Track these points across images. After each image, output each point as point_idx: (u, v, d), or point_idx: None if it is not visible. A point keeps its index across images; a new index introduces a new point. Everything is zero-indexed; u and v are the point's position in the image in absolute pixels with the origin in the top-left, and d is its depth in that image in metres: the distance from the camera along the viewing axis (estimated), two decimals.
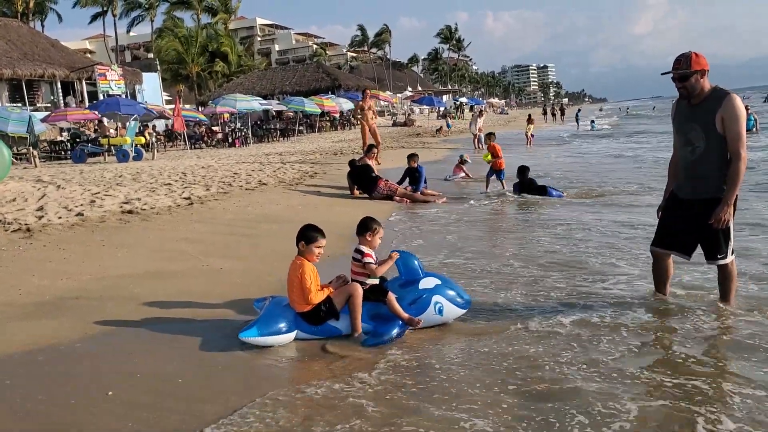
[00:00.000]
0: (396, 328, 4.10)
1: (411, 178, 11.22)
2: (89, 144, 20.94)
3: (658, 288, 4.65)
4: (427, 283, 4.33)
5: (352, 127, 40.43)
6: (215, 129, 30.74)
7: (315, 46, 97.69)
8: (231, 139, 28.03)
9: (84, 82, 32.46)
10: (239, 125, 30.59)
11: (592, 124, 42.12)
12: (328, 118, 40.10)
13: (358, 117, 17.50)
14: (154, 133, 26.47)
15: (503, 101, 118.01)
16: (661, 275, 4.59)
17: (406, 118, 46.59)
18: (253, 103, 30.16)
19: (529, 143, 25.34)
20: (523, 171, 11.08)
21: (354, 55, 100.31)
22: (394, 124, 44.21)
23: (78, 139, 22.11)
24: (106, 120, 24.61)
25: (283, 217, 8.52)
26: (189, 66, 51.59)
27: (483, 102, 76.72)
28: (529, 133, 26.15)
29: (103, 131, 22.60)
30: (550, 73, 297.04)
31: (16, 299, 4.86)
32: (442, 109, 54.36)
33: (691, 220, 4.26)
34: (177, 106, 24.88)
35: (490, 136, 12.86)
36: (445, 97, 66.37)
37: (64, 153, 21.81)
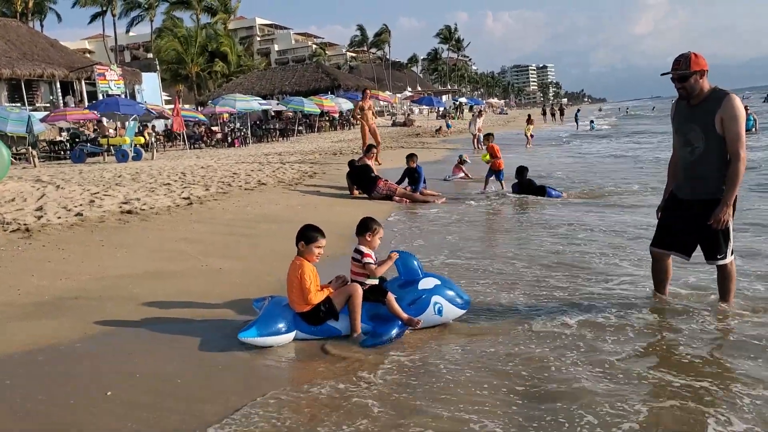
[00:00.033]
0: (395, 329, 4.10)
1: (410, 178, 11.23)
2: (88, 144, 20.94)
3: (657, 288, 4.65)
4: (426, 283, 4.32)
5: (351, 127, 40.41)
6: (214, 129, 30.75)
7: (314, 46, 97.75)
8: (230, 139, 28.04)
9: (83, 82, 32.44)
10: (238, 125, 30.60)
11: (592, 124, 42.16)
12: (327, 118, 40.09)
13: (357, 117, 17.48)
14: (154, 133, 26.48)
15: (502, 101, 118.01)
16: (660, 275, 4.59)
17: (406, 118, 46.57)
18: (253, 103, 30.16)
19: (529, 143, 25.34)
20: (521, 171, 11.08)
21: (353, 55, 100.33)
22: (394, 124, 44.21)
23: (77, 139, 22.11)
24: (105, 120, 24.62)
25: (282, 217, 8.51)
26: (188, 66, 51.57)
27: (482, 102, 76.71)
28: (529, 134, 26.16)
29: (103, 131, 22.59)
30: (550, 73, 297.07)
31: (16, 299, 4.86)
32: (441, 109, 54.34)
33: (690, 220, 4.26)
34: (176, 106, 24.88)
35: (489, 136, 12.90)
36: (444, 98, 66.33)
37: (63, 153, 21.81)
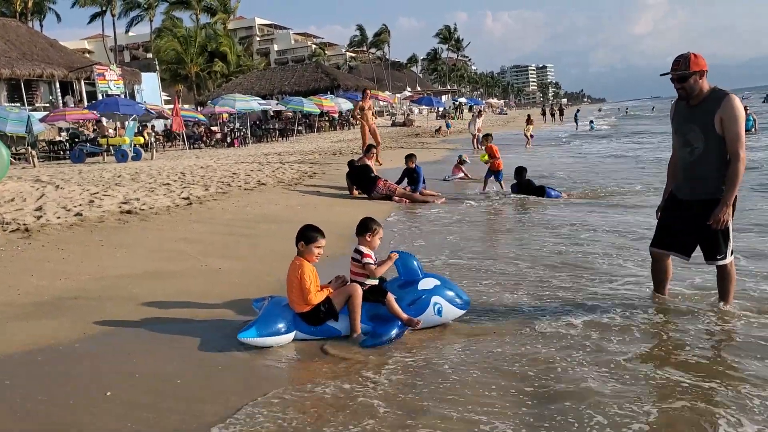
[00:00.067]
0: (395, 329, 4.10)
1: (409, 178, 11.24)
2: (88, 144, 20.93)
3: (657, 288, 4.64)
4: (426, 283, 4.32)
5: (350, 127, 40.42)
6: (214, 129, 30.75)
7: (314, 46, 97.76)
8: (230, 139, 28.03)
9: (83, 82, 32.43)
10: (238, 125, 30.59)
11: (591, 124, 42.18)
12: (327, 119, 40.09)
13: (357, 117, 17.47)
14: (153, 133, 26.48)
15: (502, 101, 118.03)
16: (660, 276, 4.59)
17: (405, 118, 46.58)
18: (252, 103, 30.17)
19: (528, 144, 25.33)
20: (520, 172, 11.08)
21: (353, 55, 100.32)
22: (393, 125, 44.22)
23: (77, 139, 22.09)
24: (104, 120, 24.61)
25: (282, 217, 8.51)
26: (188, 66, 51.57)
27: (482, 102, 76.72)
28: (528, 134, 26.15)
29: (102, 131, 22.59)
30: (549, 74, 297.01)
31: (15, 299, 4.86)
32: (441, 109, 54.33)
33: (690, 220, 4.26)
34: (176, 106, 24.91)
35: (487, 137, 12.98)
36: (444, 98, 66.33)
37: (62, 153, 21.80)
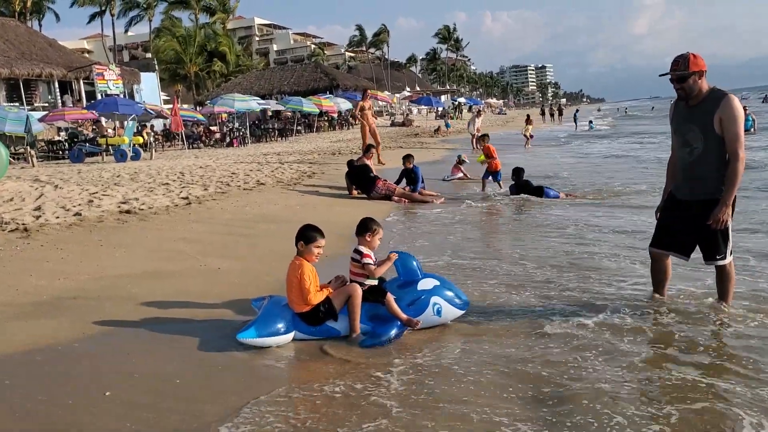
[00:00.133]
0: (394, 329, 4.10)
1: (408, 178, 11.26)
2: (87, 144, 20.91)
3: (656, 289, 4.63)
4: (425, 284, 4.32)
5: (350, 127, 40.42)
6: (213, 129, 30.75)
7: (313, 46, 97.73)
8: (229, 138, 28.02)
9: (82, 82, 32.40)
10: (237, 125, 30.58)
11: (591, 124, 42.23)
12: (326, 118, 40.09)
13: (358, 116, 17.47)
14: (152, 133, 26.45)
15: (501, 101, 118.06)
16: (659, 276, 4.58)
17: (405, 118, 46.60)
18: (251, 102, 30.15)
19: (528, 144, 25.32)
20: (518, 172, 11.08)
21: (352, 55, 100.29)
22: (393, 125, 44.23)
23: (76, 139, 22.07)
24: (104, 120, 24.60)
25: (281, 217, 8.51)
26: (187, 66, 51.54)
27: (481, 102, 76.75)
28: (528, 134, 26.12)
29: (101, 131, 22.58)
30: (549, 74, 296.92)
31: (14, 299, 4.85)
32: (440, 109, 54.34)
33: (689, 221, 4.26)
34: (175, 106, 24.89)
35: (484, 137, 13.04)
36: (443, 98, 66.41)
37: (61, 153, 21.78)
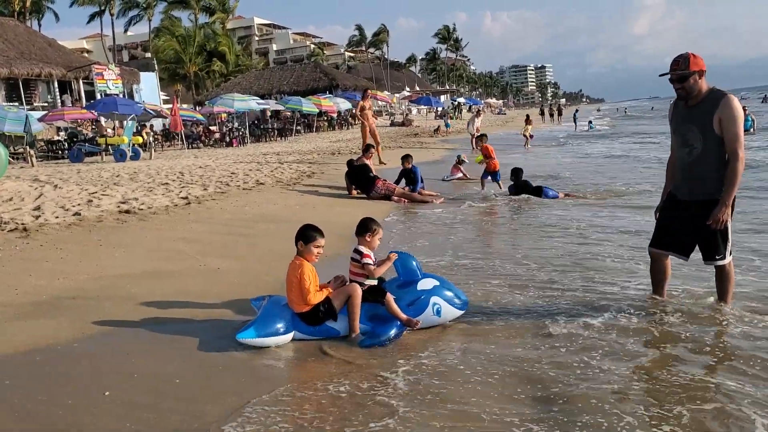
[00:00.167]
0: (394, 329, 4.10)
1: (407, 179, 11.27)
2: (86, 143, 20.90)
3: (655, 289, 4.63)
4: (425, 284, 4.32)
5: (349, 127, 40.44)
6: (213, 129, 30.76)
7: (313, 46, 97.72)
8: (228, 138, 28.02)
9: (81, 82, 32.38)
10: (237, 125, 30.58)
11: (590, 124, 42.24)
12: (325, 118, 40.09)
13: (358, 116, 17.48)
14: (152, 133, 26.45)
15: (501, 101, 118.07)
16: (659, 276, 4.58)
17: (404, 118, 46.60)
18: (251, 102, 30.17)
19: (527, 144, 25.29)
20: (516, 173, 11.08)
21: (352, 55, 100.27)
22: (392, 124, 44.23)
23: (75, 139, 22.07)
24: (103, 119, 24.59)
25: (280, 217, 8.51)
26: (186, 65, 51.55)
27: (480, 102, 76.78)
28: (528, 134, 26.07)
29: (101, 131, 22.58)
30: (548, 74, 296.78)
31: (14, 299, 4.85)
32: (439, 109, 54.34)
33: (688, 221, 4.26)
34: (174, 106, 24.87)
35: (482, 137, 13.07)
36: (442, 98, 66.40)
37: (61, 152, 21.78)
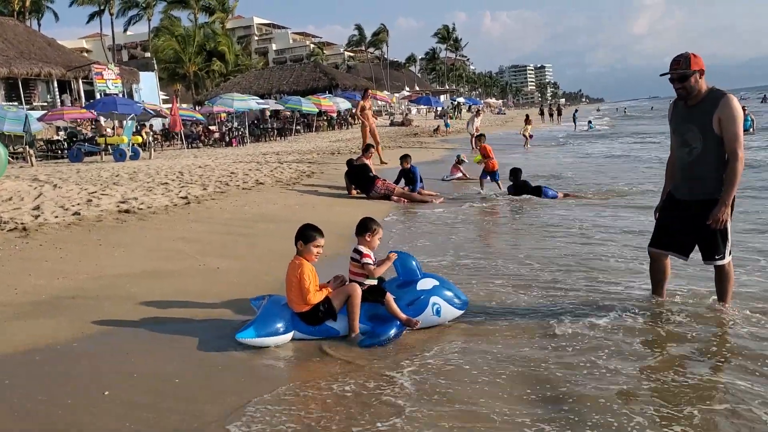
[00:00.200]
0: (393, 329, 4.10)
1: (406, 179, 11.28)
2: (86, 143, 20.89)
3: (654, 289, 4.62)
4: (425, 284, 4.32)
5: (349, 126, 40.43)
6: (212, 128, 30.75)
7: (312, 46, 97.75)
8: (228, 138, 28.01)
9: (81, 81, 32.36)
10: (236, 125, 30.57)
11: (590, 124, 42.25)
12: (325, 118, 40.08)
13: (358, 116, 17.48)
14: (151, 133, 26.44)
15: (500, 101, 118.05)
16: (658, 276, 4.58)
17: (404, 117, 46.60)
18: (250, 102, 30.15)
19: (527, 144, 25.27)
20: (515, 173, 11.09)
21: (351, 54, 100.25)
22: (392, 124, 44.23)
23: (75, 138, 22.06)
24: (102, 119, 24.57)
25: (280, 217, 8.51)
26: (186, 65, 51.53)
27: (480, 102, 76.79)
28: (527, 134, 26.06)
29: (100, 130, 22.57)
30: (548, 73, 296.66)
31: (13, 299, 4.85)
32: (439, 108, 54.33)
33: (688, 221, 4.26)
34: (174, 106, 24.87)
35: (480, 137, 13.09)
36: (442, 97, 66.39)
37: (60, 152, 21.77)
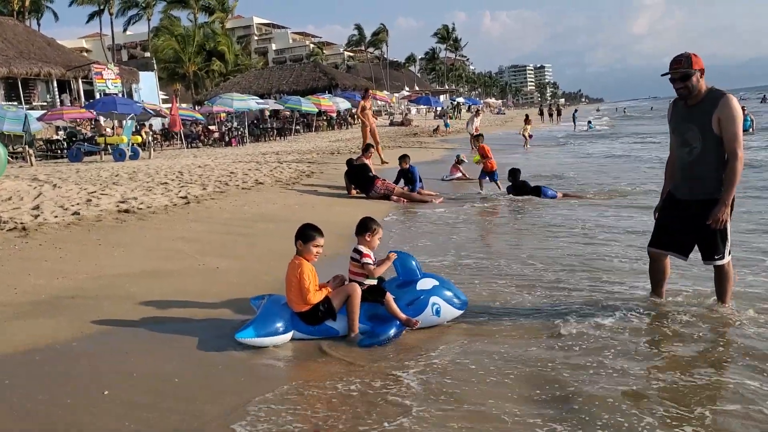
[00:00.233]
0: (393, 329, 4.10)
1: (405, 179, 11.29)
2: (86, 143, 20.87)
3: (654, 289, 4.63)
4: (424, 284, 4.32)
5: (348, 126, 40.43)
6: (212, 128, 30.74)
7: (312, 46, 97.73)
8: (228, 138, 28.00)
9: (80, 81, 32.35)
10: (236, 124, 30.56)
11: (589, 124, 42.25)
12: (324, 118, 40.07)
13: (359, 116, 17.50)
14: (151, 132, 26.43)
15: (500, 101, 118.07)
16: (658, 276, 4.58)
17: (404, 117, 46.61)
18: (250, 102, 30.14)
19: (527, 144, 25.26)
20: (514, 173, 11.10)
21: (351, 54, 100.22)
22: (392, 124, 44.23)
23: (74, 138, 22.05)
24: (102, 119, 24.56)
25: (279, 217, 8.51)
26: (186, 65, 51.46)
27: (480, 102, 76.79)
28: (527, 134, 26.04)
29: (100, 130, 22.55)
30: (547, 73, 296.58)
31: (13, 298, 4.85)
32: (439, 108, 54.33)
33: (688, 220, 4.26)
34: (173, 105, 24.85)
35: (479, 137, 13.09)
36: (442, 97, 66.39)
37: (60, 152, 21.76)
